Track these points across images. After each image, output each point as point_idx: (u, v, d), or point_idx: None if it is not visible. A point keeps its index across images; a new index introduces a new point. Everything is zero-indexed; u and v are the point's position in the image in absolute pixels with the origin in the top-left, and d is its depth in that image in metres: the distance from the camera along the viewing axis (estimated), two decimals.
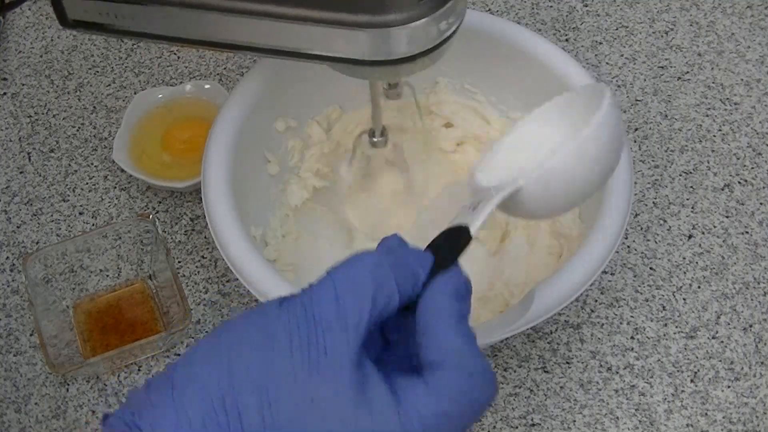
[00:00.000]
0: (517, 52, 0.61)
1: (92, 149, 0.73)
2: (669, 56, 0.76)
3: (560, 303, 0.51)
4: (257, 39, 0.49)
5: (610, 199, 0.55)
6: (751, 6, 0.80)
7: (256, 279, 0.53)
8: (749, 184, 0.69)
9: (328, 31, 0.46)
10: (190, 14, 0.49)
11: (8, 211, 0.70)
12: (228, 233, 0.54)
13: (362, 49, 0.47)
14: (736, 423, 0.58)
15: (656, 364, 0.61)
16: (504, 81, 0.64)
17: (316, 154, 0.66)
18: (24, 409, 0.60)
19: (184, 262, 0.66)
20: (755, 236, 0.66)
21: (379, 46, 0.46)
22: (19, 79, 0.78)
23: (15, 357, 0.63)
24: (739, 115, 0.73)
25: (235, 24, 0.48)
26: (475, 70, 0.64)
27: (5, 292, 0.66)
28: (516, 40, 0.61)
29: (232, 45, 0.50)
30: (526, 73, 0.62)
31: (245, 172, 0.59)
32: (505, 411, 0.59)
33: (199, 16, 0.49)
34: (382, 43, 0.46)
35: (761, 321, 0.62)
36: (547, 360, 0.61)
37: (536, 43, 0.61)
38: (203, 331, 0.63)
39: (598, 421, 0.59)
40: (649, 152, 0.71)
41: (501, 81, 0.64)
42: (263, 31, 0.48)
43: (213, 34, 0.50)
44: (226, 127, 0.58)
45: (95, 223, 0.69)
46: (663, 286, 0.64)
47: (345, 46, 0.47)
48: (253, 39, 0.49)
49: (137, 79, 0.77)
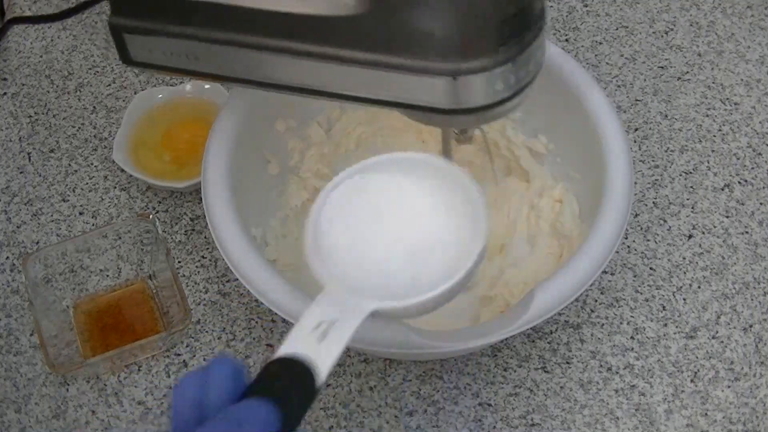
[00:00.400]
0: None
1: (92, 149, 0.73)
2: (669, 56, 0.76)
3: (560, 303, 0.51)
4: (330, 84, 0.47)
5: (610, 199, 0.55)
6: (751, 6, 0.79)
7: (256, 279, 0.53)
8: (749, 184, 0.69)
9: (404, 78, 0.45)
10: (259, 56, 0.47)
11: (8, 211, 0.70)
12: (228, 233, 0.54)
13: (438, 97, 0.45)
14: (736, 423, 0.58)
15: (656, 364, 0.61)
16: None
17: (317, 154, 0.66)
18: (24, 409, 0.60)
19: (184, 262, 0.66)
20: (755, 236, 0.66)
21: (457, 95, 0.45)
22: (19, 79, 0.78)
23: (15, 357, 0.63)
24: (739, 115, 0.73)
25: (309, 68, 0.47)
26: None
27: (5, 292, 0.66)
28: None
29: (305, 89, 0.48)
30: None
31: (245, 173, 0.59)
32: (505, 411, 0.59)
33: (270, 58, 0.47)
34: (460, 91, 0.44)
35: (761, 321, 0.62)
36: (547, 360, 0.61)
37: None
38: (203, 331, 0.63)
39: (598, 421, 0.59)
40: (649, 152, 0.71)
41: None
42: (336, 76, 0.46)
43: (285, 78, 0.48)
44: (226, 127, 0.58)
45: (95, 223, 0.69)
46: (663, 286, 0.64)
47: (421, 93, 0.45)
48: (326, 84, 0.47)
49: (137, 79, 0.77)
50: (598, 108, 0.58)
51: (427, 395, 0.60)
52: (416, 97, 0.46)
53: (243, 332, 0.63)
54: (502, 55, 0.44)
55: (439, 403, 0.60)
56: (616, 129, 0.57)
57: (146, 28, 0.49)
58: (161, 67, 0.51)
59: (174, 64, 0.50)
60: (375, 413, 0.59)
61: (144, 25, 0.49)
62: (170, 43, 0.49)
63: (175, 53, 0.49)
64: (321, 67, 0.46)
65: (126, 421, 0.60)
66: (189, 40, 0.48)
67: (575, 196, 0.63)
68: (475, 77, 0.44)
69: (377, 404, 0.60)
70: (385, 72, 0.45)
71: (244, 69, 0.49)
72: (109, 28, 0.49)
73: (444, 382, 0.60)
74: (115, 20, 0.49)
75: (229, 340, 0.63)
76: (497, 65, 0.44)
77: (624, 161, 0.56)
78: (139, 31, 0.49)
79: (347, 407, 0.60)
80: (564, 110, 0.61)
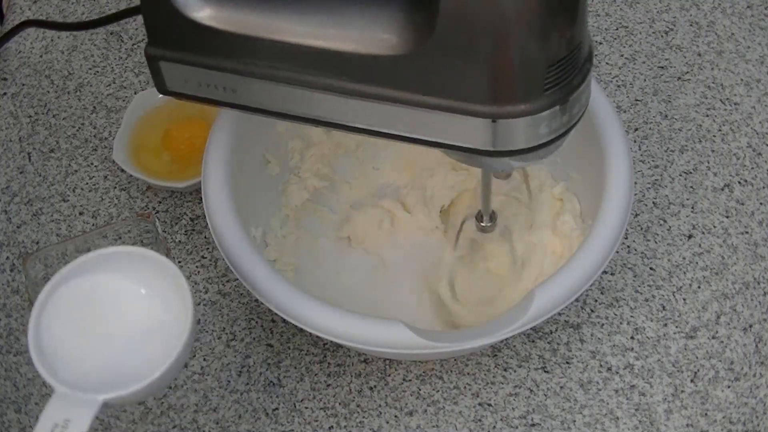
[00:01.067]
0: None
1: (92, 149, 0.73)
2: (669, 56, 0.76)
3: (560, 303, 0.51)
4: (371, 122, 0.46)
5: (610, 199, 0.55)
6: (751, 6, 0.79)
7: (256, 279, 0.53)
8: (749, 184, 0.69)
9: (445, 118, 0.44)
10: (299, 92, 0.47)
11: (8, 211, 0.70)
12: (228, 233, 0.54)
13: (482, 138, 0.44)
14: (736, 423, 0.58)
15: (656, 364, 0.61)
16: None
17: (317, 154, 0.66)
18: (24, 409, 0.60)
19: (184, 262, 0.66)
20: (755, 236, 0.66)
21: (501, 137, 0.44)
22: (19, 79, 0.78)
23: (15, 357, 0.63)
24: (739, 115, 0.73)
25: (349, 106, 0.46)
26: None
27: (5, 292, 0.66)
28: None
29: (344, 125, 0.48)
30: None
31: (245, 173, 0.59)
32: (505, 411, 0.59)
33: (310, 94, 0.46)
34: (504, 134, 0.43)
35: (761, 321, 0.62)
36: (547, 360, 0.61)
37: None
38: (203, 331, 0.63)
39: (598, 421, 0.59)
40: (649, 152, 0.71)
41: None
42: (377, 114, 0.46)
43: (323, 114, 0.47)
44: (226, 127, 0.58)
45: (95, 223, 0.69)
46: (663, 286, 0.64)
47: (462, 134, 0.44)
48: (367, 121, 0.47)
49: (137, 79, 0.77)
50: (598, 108, 0.58)
51: (427, 395, 0.60)
52: (457, 138, 0.45)
53: (243, 332, 0.63)
54: (548, 98, 0.43)
55: (439, 403, 0.60)
56: (616, 129, 0.57)
57: (183, 59, 0.48)
58: (197, 98, 0.50)
59: (210, 95, 0.49)
60: (375, 413, 0.59)
61: (181, 56, 0.48)
62: (207, 75, 0.48)
63: (212, 85, 0.49)
64: (361, 105, 0.46)
65: (126, 421, 0.60)
66: (225, 72, 0.48)
67: (575, 196, 0.63)
68: (519, 121, 0.43)
69: (377, 404, 0.60)
70: (427, 112, 0.44)
71: (282, 104, 0.48)
72: (146, 57, 0.49)
73: (444, 382, 0.60)
74: (151, 50, 0.49)
75: (229, 340, 0.63)
76: (542, 109, 0.43)
77: (624, 161, 0.56)
78: (176, 61, 0.49)
79: (347, 407, 0.60)
80: None
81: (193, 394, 0.61)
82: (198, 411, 0.60)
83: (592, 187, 0.58)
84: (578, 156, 0.62)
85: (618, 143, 0.57)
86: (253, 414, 0.60)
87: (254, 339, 0.63)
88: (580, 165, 0.62)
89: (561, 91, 0.43)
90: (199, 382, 0.61)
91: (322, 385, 0.61)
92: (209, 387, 0.61)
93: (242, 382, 0.61)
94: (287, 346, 0.62)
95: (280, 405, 0.60)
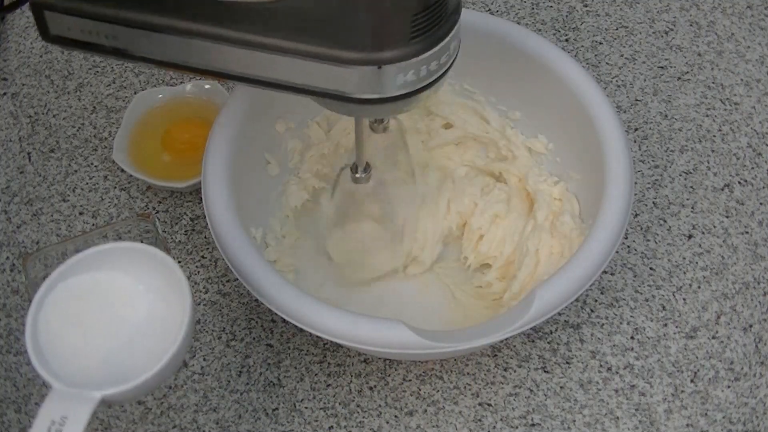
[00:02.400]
0: (517, 53, 0.61)
1: (92, 149, 0.73)
2: (669, 56, 0.76)
3: (560, 303, 0.51)
4: (242, 67, 0.48)
5: (609, 200, 0.55)
6: (751, 6, 0.80)
7: (256, 279, 0.53)
8: (749, 184, 0.69)
9: (318, 66, 0.45)
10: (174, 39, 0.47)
11: (8, 211, 0.70)
12: (228, 233, 0.54)
13: (351, 85, 0.45)
14: (736, 423, 0.58)
15: (656, 364, 0.61)
16: (503, 81, 0.64)
17: (316, 155, 0.66)
18: (24, 409, 0.60)
19: (184, 262, 0.66)
20: (755, 236, 0.66)
21: (370, 85, 0.45)
22: (19, 79, 0.78)
23: (15, 357, 0.63)
24: (739, 115, 0.73)
25: (221, 53, 0.47)
26: (475, 70, 0.64)
27: (5, 292, 0.66)
28: (516, 40, 0.61)
29: (218, 73, 0.49)
30: (525, 73, 0.62)
31: (245, 173, 0.59)
32: (505, 411, 0.59)
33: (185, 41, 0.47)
34: (373, 81, 0.45)
35: (761, 321, 0.62)
36: (547, 360, 0.61)
37: (536, 44, 0.61)
38: (203, 331, 0.63)
39: (598, 421, 0.59)
40: (649, 152, 0.71)
41: (500, 81, 0.64)
42: (248, 60, 0.47)
43: (199, 61, 0.48)
44: (226, 128, 0.58)
45: (95, 223, 0.69)
46: (663, 286, 0.64)
47: (333, 81, 0.46)
48: (238, 67, 0.48)
49: (137, 79, 0.77)
50: (598, 108, 0.58)
51: (427, 395, 0.60)
52: (331, 85, 0.46)
53: (243, 332, 0.63)
54: (415, 46, 0.44)
55: (439, 403, 0.60)
56: (616, 129, 0.57)
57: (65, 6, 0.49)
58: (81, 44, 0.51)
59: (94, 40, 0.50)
60: (375, 413, 0.59)
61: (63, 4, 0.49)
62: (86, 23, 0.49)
63: (94, 32, 0.49)
64: (236, 52, 0.47)
65: (126, 421, 0.60)
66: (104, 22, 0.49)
67: (575, 196, 0.63)
68: (387, 68, 0.44)
69: (377, 404, 0.60)
70: (300, 59, 0.45)
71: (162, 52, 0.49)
72: (30, 5, 0.50)
73: (444, 382, 0.61)
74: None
75: (229, 340, 0.63)
76: (409, 56, 0.44)
77: (624, 161, 0.56)
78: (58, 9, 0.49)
79: (347, 407, 0.60)
80: (564, 110, 0.61)
81: (193, 394, 0.61)
82: (198, 411, 0.60)
83: (592, 187, 0.58)
84: (578, 156, 0.62)
85: (618, 143, 0.57)
86: (253, 414, 0.60)
87: (254, 339, 0.63)
88: (580, 165, 0.62)
89: (428, 40, 0.44)
90: (199, 382, 0.61)
91: (322, 385, 0.61)
92: (209, 387, 0.61)
93: (242, 382, 0.61)
94: (287, 346, 0.62)
95: (280, 405, 0.60)
